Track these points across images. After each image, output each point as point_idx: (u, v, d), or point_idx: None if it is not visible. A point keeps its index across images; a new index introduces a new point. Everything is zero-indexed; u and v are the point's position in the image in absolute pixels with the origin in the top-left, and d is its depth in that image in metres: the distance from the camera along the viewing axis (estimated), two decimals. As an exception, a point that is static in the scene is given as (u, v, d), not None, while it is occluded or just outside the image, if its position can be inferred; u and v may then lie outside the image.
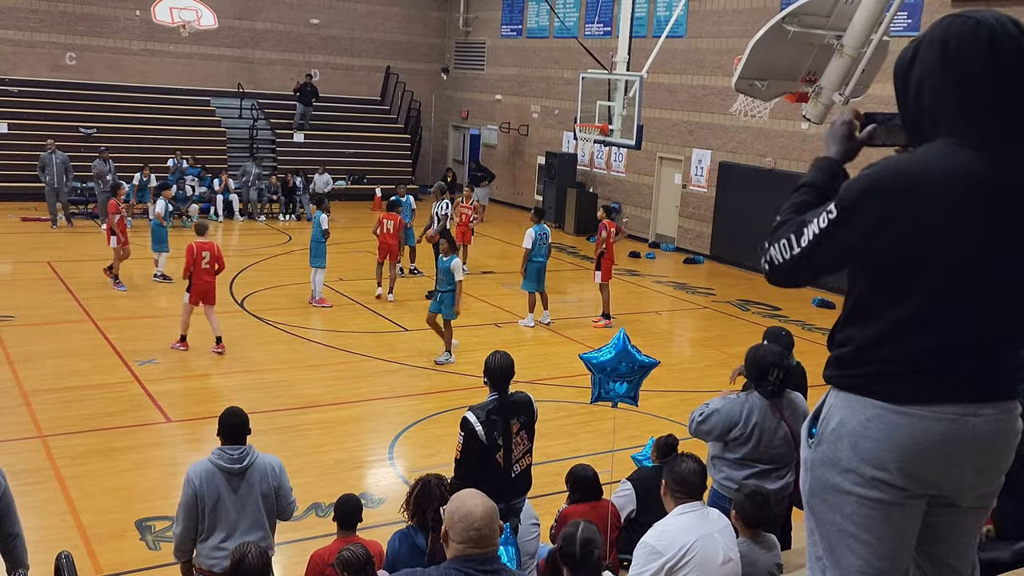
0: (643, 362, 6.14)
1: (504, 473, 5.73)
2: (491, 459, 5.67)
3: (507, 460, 5.74)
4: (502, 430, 5.72)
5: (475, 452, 5.64)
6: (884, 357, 2.35)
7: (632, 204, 23.26)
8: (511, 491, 5.81)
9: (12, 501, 4.73)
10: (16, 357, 11.36)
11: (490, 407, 5.74)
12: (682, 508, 4.37)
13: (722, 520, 4.45)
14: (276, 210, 23.41)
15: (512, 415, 5.80)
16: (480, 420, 5.66)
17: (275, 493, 5.39)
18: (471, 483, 5.72)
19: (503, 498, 5.80)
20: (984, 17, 2.25)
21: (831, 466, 2.43)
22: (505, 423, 5.75)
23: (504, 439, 5.72)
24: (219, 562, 5.21)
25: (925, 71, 2.31)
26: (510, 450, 5.75)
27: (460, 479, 5.73)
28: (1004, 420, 2.38)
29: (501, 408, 5.76)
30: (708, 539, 4.24)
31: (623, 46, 14.38)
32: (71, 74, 25.06)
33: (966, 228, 2.24)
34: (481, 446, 5.63)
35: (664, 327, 15.49)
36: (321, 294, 14.74)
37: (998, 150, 2.25)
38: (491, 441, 5.66)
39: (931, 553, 2.57)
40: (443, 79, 30.25)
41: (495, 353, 5.97)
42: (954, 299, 2.29)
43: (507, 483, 5.76)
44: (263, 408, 10.04)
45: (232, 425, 5.35)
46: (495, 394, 5.82)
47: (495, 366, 5.85)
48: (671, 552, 4.16)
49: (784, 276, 2.49)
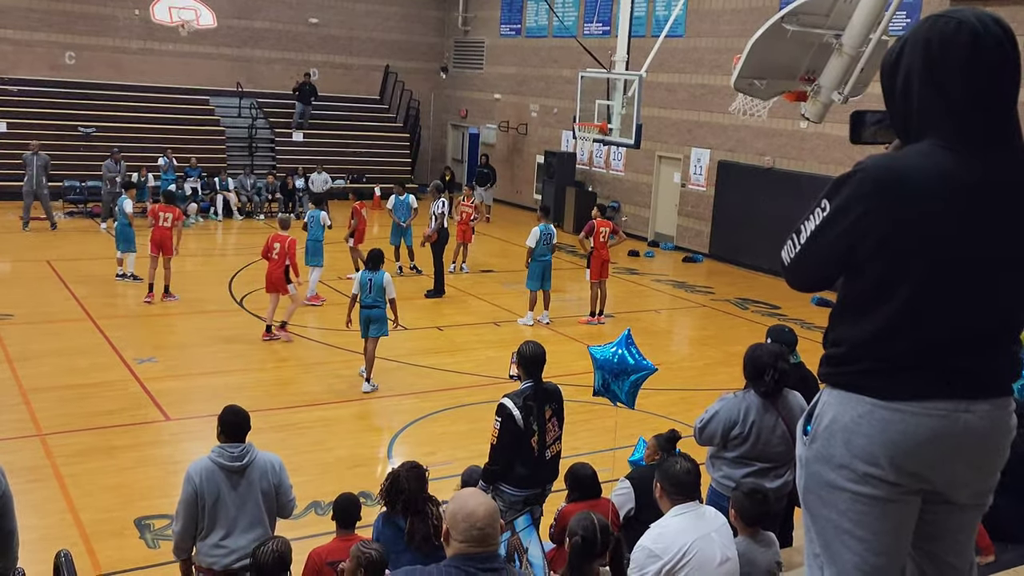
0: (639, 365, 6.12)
1: (539, 458, 6.02)
2: (526, 444, 5.96)
3: (541, 445, 6.03)
4: (537, 416, 6.00)
5: (512, 437, 5.92)
6: (875, 354, 2.37)
7: (631, 203, 23.28)
8: (543, 476, 6.13)
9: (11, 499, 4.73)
10: (15, 355, 11.36)
11: (526, 394, 6.01)
12: (678, 509, 4.36)
13: (719, 519, 4.44)
14: (275, 209, 23.42)
15: (545, 402, 6.09)
16: (517, 406, 5.92)
17: (275, 491, 5.40)
18: (506, 467, 5.98)
19: (538, 481, 6.04)
20: (966, 17, 2.25)
21: (825, 462, 2.45)
22: (539, 409, 6.03)
23: (539, 425, 6.00)
24: (218, 560, 5.22)
25: (910, 71, 2.32)
26: (544, 435, 6.04)
27: (496, 463, 6.02)
28: (997, 416, 2.39)
29: (536, 394, 6.04)
30: (705, 539, 4.23)
31: (622, 45, 14.38)
32: (70, 73, 25.06)
33: (948, 228, 2.26)
34: (518, 431, 5.91)
35: (663, 326, 15.50)
36: (315, 291, 14.71)
37: (980, 151, 2.27)
38: (527, 426, 5.94)
39: (929, 550, 2.58)
40: (442, 78, 30.25)
41: (528, 342, 6.26)
42: (941, 297, 2.30)
43: (541, 466, 6.07)
44: (263, 406, 10.04)
45: (232, 423, 5.36)
46: (530, 381, 6.08)
47: (529, 354, 6.12)
48: (669, 554, 4.16)
49: (791, 276, 2.53)
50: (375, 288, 10.66)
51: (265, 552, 4.71)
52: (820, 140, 17.91)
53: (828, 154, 17.92)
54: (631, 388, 6.21)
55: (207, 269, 17.74)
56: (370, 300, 10.69)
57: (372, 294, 10.67)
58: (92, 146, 22.99)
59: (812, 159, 18.35)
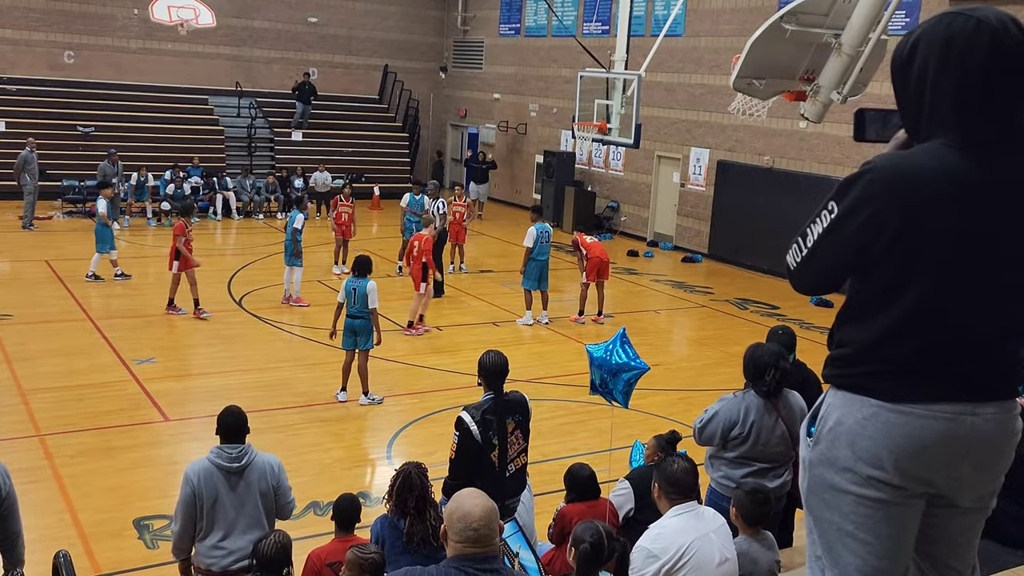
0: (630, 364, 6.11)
1: (499, 473, 5.71)
2: (486, 458, 5.65)
3: (502, 459, 5.72)
4: (497, 429, 5.69)
5: (470, 452, 5.61)
6: (881, 356, 2.35)
7: (630, 203, 23.27)
8: (505, 491, 5.78)
9: (16, 500, 4.74)
10: (14, 356, 11.35)
11: (485, 407, 5.71)
12: (677, 509, 4.34)
13: (717, 519, 4.42)
14: (274, 209, 23.41)
15: (507, 414, 5.77)
16: (475, 419, 5.62)
17: (274, 492, 5.39)
18: (466, 483, 5.75)
19: (498, 498, 5.81)
20: (986, 17, 2.22)
21: (829, 465, 2.43)
22: (500, 422, 5.72)
23: (499, 438, 5.70)
24: (217, 561, 5.21)
25: (924, 70, 2.29)
26: (505, 449, 5.73)
27: (455, 479, 5.72)
28: (1003, 419, 2.37)
29: (496, 407, 5.73)
30: (704, 539, 4.22)
31: (621, 45, 14.37)
32: (69, 73, 25.04)
33: (957, 230, 2.23)
34: (476, 445, 5.60)
35: (662, 326, 15.50)
36: (299, 293, 14.66)
37: (991, 152, 2.24)
38: (486, 440, 5.63)
39: (930, 553, 2.57)
40: (441, 78, 30.24)
41: (489, 352, 5.93)
42: (948, 299, 2.28)
43: (501, 483, 5.73)
44: (261, 407, 10.04)
45: (231, 424, 5.35)
46: (490, 393, 5.78)
47: (490, 364, 5.81)
48: (668, 555, 4.15)
49: (798, 280, 2.51)
50: (359, 297, 10.15)
51: (268, 544, 4.74)
52: (819, 140, 17.91)
53: (827, 154, 17.92)
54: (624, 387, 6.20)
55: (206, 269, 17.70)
56: (355, 310, 10.18)
57: (357, 304, 10.16)
58: (91, 145, 22.97)
59: (811, 159, 18.35)
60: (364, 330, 10.25)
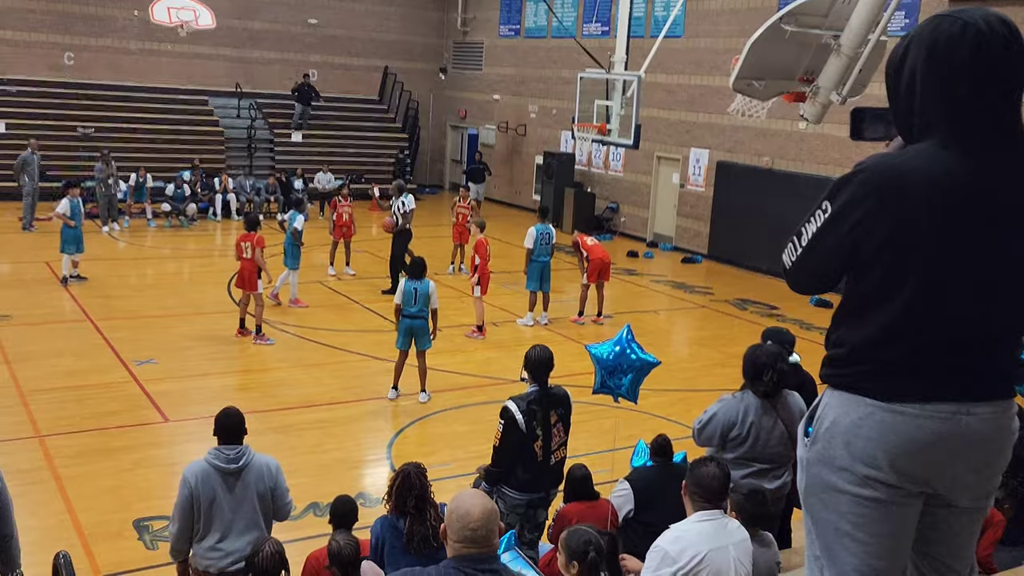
0: (642, 360, 6.21)
1: (542, 463, 5.96)
2: (529, 448, 5.91)
3: (545, 450, 5.97)
4: (541, 420, 5.94)
5: (515, 440, 5.87)
6: (877, 356, 2.36)
7: (630, 203, 23.28)
8: (546, 481, 6.06)
9: (10, 502, 4.72)
10: (13, 356, 11.35)
11: (531, 398, 5.96)
12: (702, 515, 4.22)
13: (740, 533, 4.31)
14: (275, 210, 23.42)
15: (551, 407, 6.03)
16: (521, 409, 5.88)
17: (271, 493, 5.39)
18: (508, 471, 5.95)
19: (541, 486, 6.01)
20: (972, 18, 2.24)
21: (826, 465, 2.44)
22: (545, 414, 5.97)
23: (543, 429, 5.95)
24: (215, 562, 5.21)
25: (913, 71, 2.31)
26: (548, 441, 5.98)
27: (497, 466, 6.00)
28: (999, 419, 2.38)
29: (541, 399, 5.99)
30: (721, 552, 4.09)
31: (621, 46, 14.38)
32: (69, 74, 25.05)
33: (949, 229, 2.25)
34: (520, 435, 5.87)
35: (662, 326, 15.50)
36: (296, 295, 14.60)
37: (983, 151, 2.25)
38: (530, 430, 5.89)
39: (928, 553, 2.57)
40: (441, 79, 30.24)
41: (536, 346, 6.24)
42: (943, 298, 2.29)
43: (544, 472, 6.00)
44: (261, 408, 10.05)
45: (229, 426, 5.35)
46: (536, 385, 6.04)
47: (536, 358, 6.10)
48: (683, 560, 4.04)
49: (793, 279, 2.52)
50: (420, 298, 10.30)
51: (265, 556, 4.71)
52: (819, 141, 17.92)
53: (827, 154, 17.92)
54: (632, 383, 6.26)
55: (206, 270, 17.75)
56: (415, 310, 10.31)
57: (417, 304, 10.30)
58: (91, 146, 22.97)
59: (811, 160, 18.36)
60: (422, 330, 10.43)
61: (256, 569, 4.74)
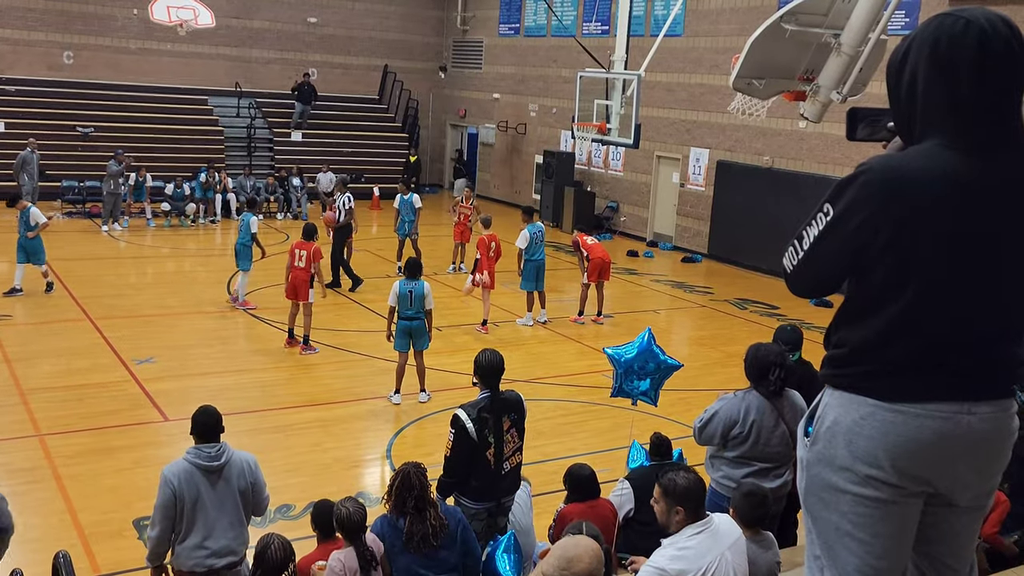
0: (666, 363, 6.18)
1: (494, 471, 5.77)
2: (481, 457, 5.71)
3: (498, 458, 5.78)
4: (493, 427, 5.76)
5: (466, 450, 5.68)
6: (878, 356, 2.35)
7: (630, 203, 23.27)
8: (500, 489, 5.86)
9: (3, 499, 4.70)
10: (13, 356, 11.35)
11: (481, 405, 5.78)
12: (694, 528, 4.10)
13: (732, 533, 4.25)
14: (274, 209, 23.40)
15: (503, 412, 5.83)
16: (471, 418, 5.70)
17: (251, 489, 5.40)
18: (461, 481, 5.79)
19: (493, 496, 5.85)
20: (975, 17, 2.23)
21: (826, 464, 2.44)
22: (496, 420, 5.78)
23: (495, 437, 5.76)
24: (201, 561, 5.17)
25: (915, 71, 2.30)
26: (501, 448, 5.79)
27: (450, 476, 5.79)
28: (1000, 418, 2.38)
29: (492, 406, 5.79)
30: (720, 560, 4.05)
31: (621, 45, 14.37)
32: (68, 73, 25.03)
33: (952, 229, 2.24)
34: (472, 443, 5.67)
35: (662, 326, 15.49)
36: (244, 297, 14.40)
37: (985, 151, 2.25)
38: (482, 439, 5.70)
39: (928, 552, 2.57)
40: (441, 78, 30.23)
41: (485, 351, 6.00)
42: (944, 298, 2.29)
43: (497, 481, 5.81)
44: (260, 407, 10.04)
45: (207, 424, 5.34)
46: (487, 392, 5.85)
47: (486, 364, 5.89)
48: None
49: (794, 282, 2.50)
50: (416, 299, 10.26)
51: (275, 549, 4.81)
52: (819, 140, 17.91)
53: (827, 154, 17.92)
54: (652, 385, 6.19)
55: (205, 269, 17.74)
56: (411, 312, 10.28)
57: (413, 306, 10.26)
58: (90, 146, 22.96)
59: (811, 159, 18.35)
60: (420, 331, 10.41)
61: (266, 565, 4.77)
